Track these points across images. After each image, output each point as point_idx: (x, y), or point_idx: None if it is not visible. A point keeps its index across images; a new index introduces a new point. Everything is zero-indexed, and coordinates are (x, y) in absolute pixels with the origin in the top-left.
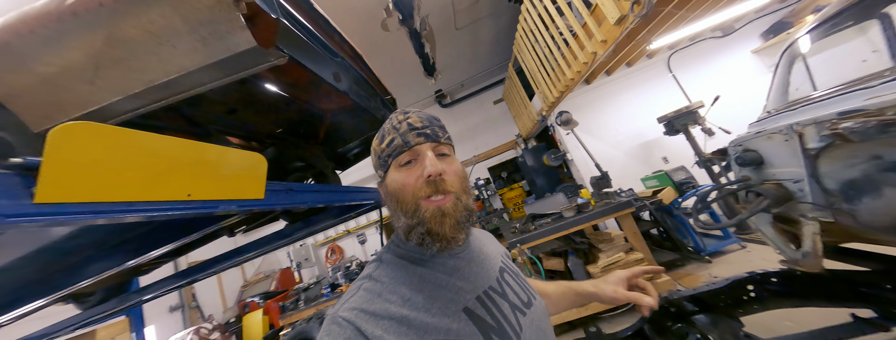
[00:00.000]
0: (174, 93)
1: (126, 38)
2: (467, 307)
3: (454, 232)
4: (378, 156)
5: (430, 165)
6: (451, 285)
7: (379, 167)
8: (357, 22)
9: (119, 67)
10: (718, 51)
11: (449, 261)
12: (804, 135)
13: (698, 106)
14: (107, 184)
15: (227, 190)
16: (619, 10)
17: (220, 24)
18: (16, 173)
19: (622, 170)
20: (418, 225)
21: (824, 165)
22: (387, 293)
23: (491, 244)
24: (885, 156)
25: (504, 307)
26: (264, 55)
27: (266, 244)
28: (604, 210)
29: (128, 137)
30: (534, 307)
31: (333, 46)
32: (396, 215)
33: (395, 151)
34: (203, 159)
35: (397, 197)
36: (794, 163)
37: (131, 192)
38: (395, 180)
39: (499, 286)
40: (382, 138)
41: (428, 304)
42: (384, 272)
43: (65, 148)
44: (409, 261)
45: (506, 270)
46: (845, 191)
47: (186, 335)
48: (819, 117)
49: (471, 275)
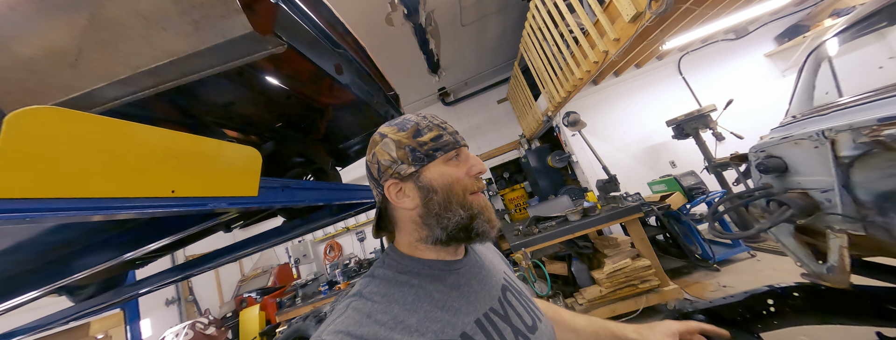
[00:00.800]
0: (164, 80)
1: (112, 18)
2: (465, 332)
3: (498, 222)
4: (412, 149)
5: (479, 162)
6: (448, 305)
7: (409, 161)
8: (361, 15)
9: (104, 50)
10: (731, 54)
11: (448, 277)
12: (837, 142)
13: (710, 110)
14: (76, 178)
15: (218, 187)
16: (635, 7)
17: (214, 8)
18: None
19: (628, 173)
20: (479, 215)
21: (858, 174)
22: (378, 314)
23: (493, 257)
24: None
25: (506, 332)
26: (262, 42)
27: (263, 241)
28: (611, 215)
29: (102, 125)
30: (539, 331)
31: (336, 36)
32: (446, 209)
33: (446, 146)
34: (191, 153)
35: (451, 189)
36: (822, 171)
37: (105, 187)
38: (447, 174)
39: (501, 308)
40: (417, 131)
41: (422, 327)
42: (376, 288)
43: (25, 136)
44: (408, 277)
45: (509, 288)
46: (880, 203)
47: (182, 329)
48: (856, 123)
49: (471, 294)
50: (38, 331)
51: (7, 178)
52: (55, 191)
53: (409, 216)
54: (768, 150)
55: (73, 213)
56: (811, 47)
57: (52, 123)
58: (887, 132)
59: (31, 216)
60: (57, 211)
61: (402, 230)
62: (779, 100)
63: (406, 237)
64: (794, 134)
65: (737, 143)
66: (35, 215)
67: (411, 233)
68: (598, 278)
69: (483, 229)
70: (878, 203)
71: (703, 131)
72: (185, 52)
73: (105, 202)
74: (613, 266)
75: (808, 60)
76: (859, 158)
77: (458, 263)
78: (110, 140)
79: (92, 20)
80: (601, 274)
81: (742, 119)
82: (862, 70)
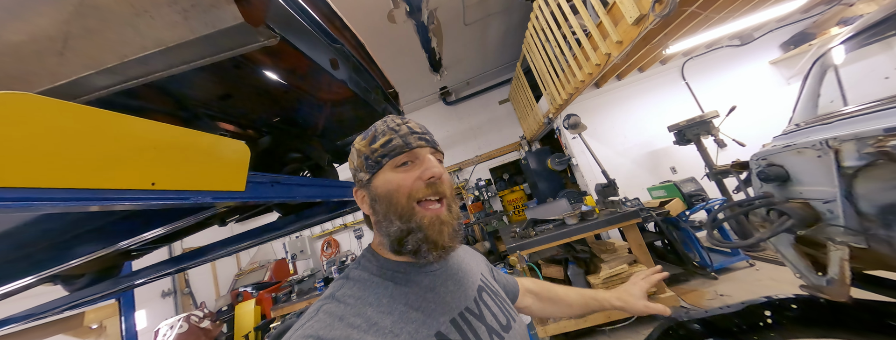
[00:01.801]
0: (153, 70)
1: (99, 5)
2: (440, 331)
3: (451, 241)
4: (366, 157)
5: (433, 166)
6: (423, 306)
7: (364, 169)
8: (362, 11)
9: (91, 37)
10: (735, 60)
11: (424, 279)
12: (841, 151)
13: (712, 116)
14: (48, 167)
15: (202, 180)
16: (638, 9)
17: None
18: None
19: (628, 178)
20: (416, 231)
21: (862, 185)
22: (350, 316)
23: (470, 259)
24: None
25: (480, 331)
26: (253, 34)
27: (258, 236)
28: (609, 219)
29: (78, 113)
30: (513, 330)
31: (333, 30)
32: (387, 219)
33: (393, 151)
34: (174, 145)
35: (390, 199)
36: (825, 182)
37: (80, 178)
38: (389, 181)
39: (476, 307)
40: (374, 138)
41: (397, 328)
42: (350, 291)
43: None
44: (381, 278)
45: (485, 288)
46: (884, 216)
47: (177, 321)
48: (861, 133)
49: (446, 294)
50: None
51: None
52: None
53: (372, 221)
54: (770, 158)
55: (43, 204)
56: (817, 55)
57: (26, 110)
58: (893, 143)
59: (9, 205)
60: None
61: (375, 232)
62: (783, 108)
63: (375, 238)
64: (797, 142)
65: (739, 150)
66: (11, 204)
67: (376, 236)
68: (593, 283)
69: (415, 246)
70: (881, 216)
71: (704, 138)
72: (173, 41)
73: (82, 193)
74: (610, 271)
75: (813, 68)
76: (863, 169)
77: (433, 265)
78: (85, 129)
79: (79, 6)
80: (597, 279)
81: (745, 126)
82: (869, 79)
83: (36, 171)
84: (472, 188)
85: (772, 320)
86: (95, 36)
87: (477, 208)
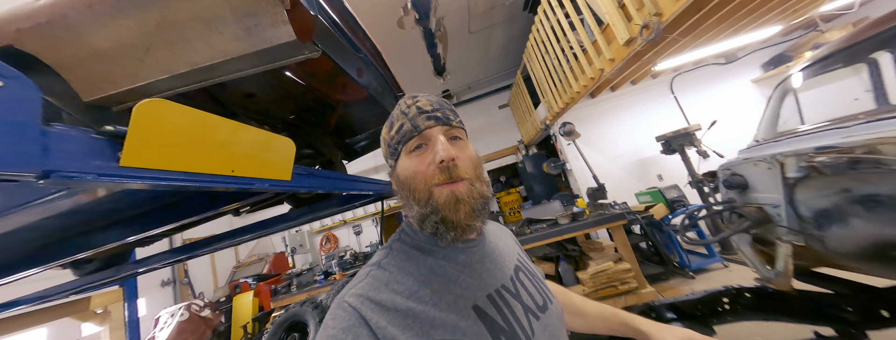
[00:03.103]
0: (214, 76)
1: (178, 21)
2: (477, 304)
3: (469, 220)
4: (388, 145)
5: (441, 150)
6: (461, 280)
7: (389, 156)
8: (374, 17)
9: (169, 48)
10: (721, 77)
11: (460, 255)
12: (785, 165)
13: (695, 129)
14: (173, 155)
15: (261, 170)
16: (628, 33)
17: (265, 17)
18: (106, 140)
19: (618, 183)
20: (432, 213)
21: (800, 193)
22: (394, 284)
23: (507, 240)
24: (854, 190)
25: (516, 308)
26: (300, 48)
27: (271, 226)
28: (597, 220)
29: (192, 115)
30: (549, 311)
31: (357, 41)
32: (409, 204)
33: (405, 136)
34: (245, 140)
35: (409, 185)
36: (774, 189)
37: (190, 164)
38: (406, 168)
39: (513, 286)
40: (391, 125)
41: (436, 298)
42: (393, 260)
43: (146, 121)
44: (420, 252)
45: (522, 269)
46: (817, 218)
47: (178, 309)
48: (799, 150)
49: (483, 271)
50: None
51: (135, 152)
52: (166, 164)
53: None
54: (733, 169)
55: (173, 182)
56: (779, 80)
57: (164, 112)
58: (819, 159)
59: (151, 182)
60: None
61: None
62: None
63: None
64: (754, 156)
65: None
66: (153, 181)
67: None
68: (582, 278)
69: (433, 229)
70: (815, 219)
71: (688, 148)
72: (236, 53)
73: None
74: (596, 268)
75: (775, 91)
76: (801, 179)
77: (471, 241)
78: (196, 127)
79: (161, 21)
80: (585, 275)
81: (727, 139)
82: (839, 101)
83: (168, 157)
84: None
85: (729, 305)
86: (172, 47)
87: None
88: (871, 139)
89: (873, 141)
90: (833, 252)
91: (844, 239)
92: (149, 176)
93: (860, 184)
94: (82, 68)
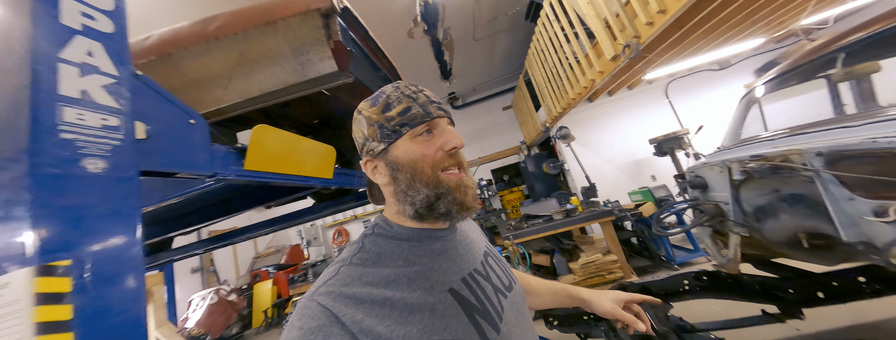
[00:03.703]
0: (275, 98)
1: (252, 58)
2: (452, 287)
3: (474, 202)
4: (380, 125)
5: (455, 137)
6: (436, 266)
7: (378, 138)
8: (386, 28)
9: (245, 78)
10: (714, 82)
11: (435, 244)
12: (731, 169)
13: (684, 133)
14: (269, 160)
15: (315, 170)
16: (613, 50)
17: (315, 54)
18: (237, 152)
19: (614, 183)
20: (447, 194)
21: (743, 193)
22: (368, 276)
23: (475, 230)
24: (782, 190)
25: (487, 289)
26: (339, 76)
27: (296, 218)
28: (588, 216)
29: (281, 134)
30: (514, 290)
31: (378, 63)
32: (412, 188)
33: (414, 120)
34: (304, 148)
35: (415, 168)
36: (725, 190)
37: (277, 167)
38: (412, 151)
39: (483, 269)
40: (387, 105)
41: (413, 285)
42: (365, 255)
43: (257, 140)
44: (397, 243)
45: (490, 254)
46: (756, 213)
47: (208, 293)
48: (740, 157)
49: (457, 257)
50: None
51: (253, 160)
52: (267, 168)
53: (387, 191)
54: (697, 171)
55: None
56: (744, 92)
57: (266, 132)
58: (749, 165)
59: (260, 179)
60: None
61: (387, 202)
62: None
63: (390, 208)
64: (711, 161)
65: None
66: (261, 179)
67: (392, 205)
68: (574, 268)
69: (447, 209)
70: (754, 214)
71: (678, 151)
72: (293, 81)
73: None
74: (586, 259)
75: (741, 102)
76: (743, 182)
77: (444, 231)
78: (280, 142)
79: (239, 59)
80: (576, 265)
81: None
82: (817, 108)
83: (267, 163)
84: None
85: (688, 287)
86: (248, 77)
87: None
88: (785, 150)
89: (786, 152)
90: (769, 241)
91: (776, 230)
92: (258, 176)
93: (785, 186)
94: (183, 94)
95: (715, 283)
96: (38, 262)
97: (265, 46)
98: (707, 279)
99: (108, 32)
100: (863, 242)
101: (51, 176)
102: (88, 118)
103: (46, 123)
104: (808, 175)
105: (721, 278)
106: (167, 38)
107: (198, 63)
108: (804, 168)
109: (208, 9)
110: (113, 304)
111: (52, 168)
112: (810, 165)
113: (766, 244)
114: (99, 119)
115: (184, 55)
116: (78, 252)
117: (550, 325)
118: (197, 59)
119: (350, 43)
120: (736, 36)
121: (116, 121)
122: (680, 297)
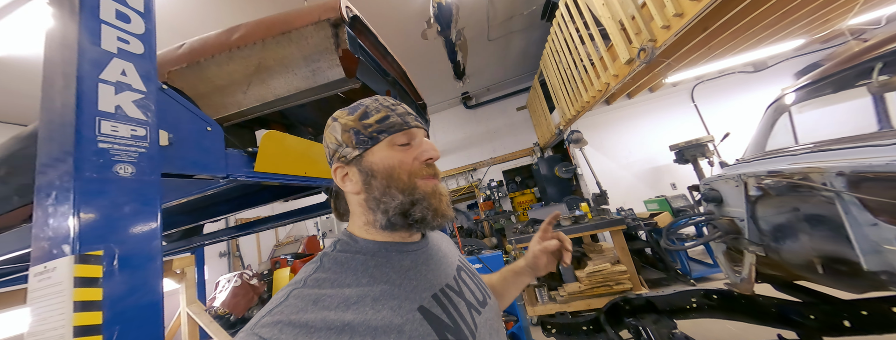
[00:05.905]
0: (288, 102)
1: (268, 66)
2: (423, 305)
3: (448, 210)
4: (356, 131)
5: (432, 148)
6: (405, 284)
7: (353, 145)
8: (400, 30)
9: (262, 84)
10: (747, 85)
11: (405, 259)
12: (748, 184)
13: (709, 140)
14: (277, 163)
15: (319, 171)
16: (629, 53)
17: (325, 62)
18: (248, 155)
19: (629, 190)
20: (422, 200)
21: (760, 209)
22: (325, 299)
23: (447, 244)
24: (802, 209)
25: (460, 305)
26: (347, 82)
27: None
28: (597, 224)
29: (289, 138)
30: (488, 306)
31: (387, 67)
32: (387, 194)
33: (392, 128)
34: (310, 152)
35: (391, 174)
36: (741, 205)
37: (285, 169)
38: (390, 157)
39: (456, 284)
40: (365, 113)
41: (377, 305)
42: (325, 274)
43: (266, 143)
44: (362, 257)
45: (463, 268)
46: (773, 232)
47: (233, 276)
48: (757, 172)
49: (428, 272)
50: None
51: (262, 162)
52: (276, 169)
53: (357, 200)
54: (711, 184)
55: (278, 180)
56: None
57: (274, 137)
58: (766, 182)
59: (269, 179)
60: (275, 179)
61: (354, 214)
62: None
63: (357, 220)
64: (727, 174)
65: None
66: (270, 179)
67: (360, 216)
68: (579, 276)
69: (422, 215)
70: (772, 232)
71: (700, 159)
72: (305, 87)
73: (284, 176)
74: (593, 267)
75: (768, 110)
76: (759, 198)
77: (415, 245)
78: (287, 146)
79: (257, 67)
80: (582, 273)
81: None
82: (857, 118)
83: (275, 164)
84: (484, 188)
85: (696, 304)
86: (265, 83)
87: (487, 206)
88: (804, 167)
89: (806, 169)
90: (786, 262)
91: (795, 251)
92: (267, 176)
93: (806, 205)
94: (209, 98)
95: (726, 303)
96: (78, 251)
97: (281, 54)
98: (717, 297)
99: (139, 53)
100: (886, 271)
101: (89, 180)
102: (121, 130)
103: (87, 135)
104: (828, 196)
105: (733, 298)
106: (196, 48)
107: (221, 70)
108: (824, 189)
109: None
110: (135, 288)
111: (91, 173)
112: (830, 185)
113: (781, 265)
114: (129, 130)
115: (210, 63)
116: (108, 244)
117: (548, 333)
118: (221, 66)
119: (358, 50)
120: (771, 37)
121: (143, 131)
122: (686, 315)
